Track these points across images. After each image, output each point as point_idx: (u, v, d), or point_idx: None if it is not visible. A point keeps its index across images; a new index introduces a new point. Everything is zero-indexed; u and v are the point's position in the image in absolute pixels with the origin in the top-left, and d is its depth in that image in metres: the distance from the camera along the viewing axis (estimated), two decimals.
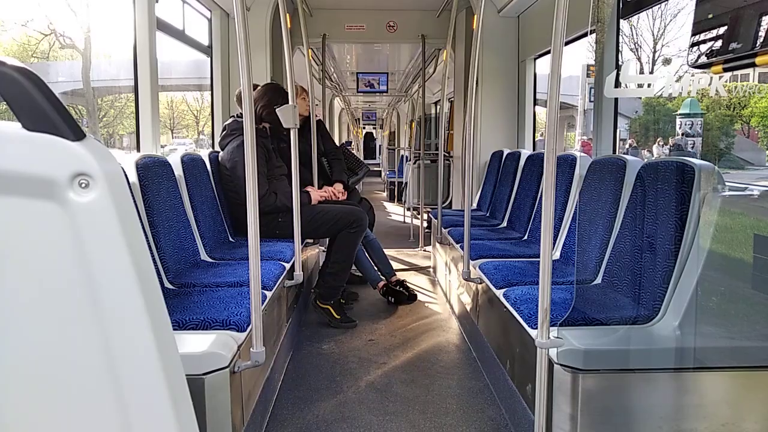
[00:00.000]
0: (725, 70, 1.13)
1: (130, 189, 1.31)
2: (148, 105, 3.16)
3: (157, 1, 3.26)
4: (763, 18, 1.03)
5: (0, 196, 0.67)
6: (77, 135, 0.69)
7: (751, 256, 1.92)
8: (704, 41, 1.23)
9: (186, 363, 0.78)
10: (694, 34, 1.27)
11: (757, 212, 2.04)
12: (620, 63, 3.14)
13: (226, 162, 3.43)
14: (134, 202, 2.15)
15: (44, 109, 0.68)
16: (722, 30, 1.14)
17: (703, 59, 1.18)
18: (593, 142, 3.36)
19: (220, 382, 1.78)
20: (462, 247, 3.20)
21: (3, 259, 0.69)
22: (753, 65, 1.03)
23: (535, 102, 4.86)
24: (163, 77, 3.50)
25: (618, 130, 3.27)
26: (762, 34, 1.02)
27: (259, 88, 3.64)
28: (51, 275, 0.70)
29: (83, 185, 0.68)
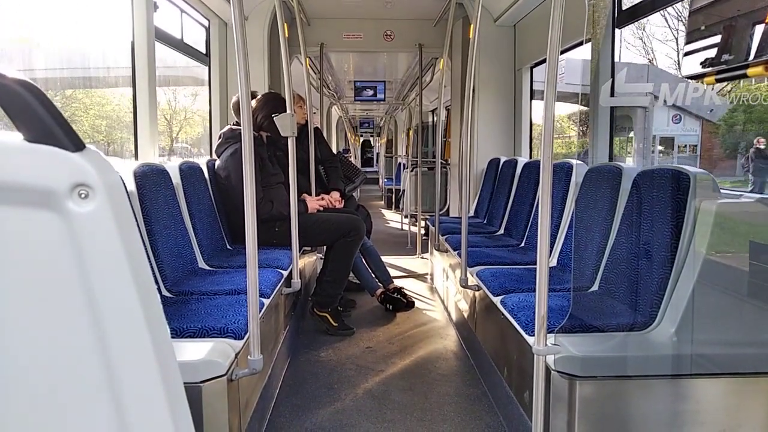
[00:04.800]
0: (718, 80, 1.14)
1: (129, 198, 1.31)
2: (146, 114, 3.17)
3: (155, 10, 3.27)
4: (754, 30, 1.04)
5: (0, 206, 0.68)
6: (77, 146, 0.70)
7: (747, 263, 1.94)
8: (697, 51, 1.24)
9: (183, 371, 0.78)
10: (687, 44, 1.29)
11: (753, 219, 2.06)
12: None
13: (221, 170, 3.44)
14: (132, 210, 2.16)
15: (44, 121, 0.68)
16: (714, 41, 1.15)
17: (697, 69, 1.19)
18: (590, 150, 3.37)
19: (217, 390, 1.78)
20: (459, 254, 3.21)
21: (2, 269, 0.70)
22: (745, 76, 1.04)
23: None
24: (123, 66, 3.35)
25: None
26: (753, 45, 1.04)
27: (258, 97, 3.65)
28: (50, 285, 0.70)
29: (83, 195, 0.68)
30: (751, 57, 1.05)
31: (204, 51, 4.48)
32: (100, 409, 0.73)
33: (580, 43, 3.31)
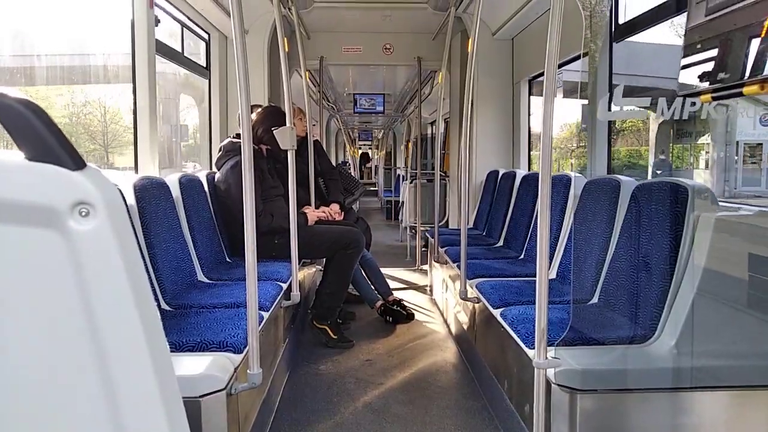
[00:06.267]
0: (714, 98, 1.15)
1: (128, 211, 1.30)
2: (147, 127, 3.18)
3: (156, 25, 3.30)
4: (749, 49, 1.05)
5: (1, 224, 0.68)
6: (78, 164, 0.70)
7: (746, 275, 1.94)
8: (693, 66, 1.25)
9: (182, 385, 0.78)
10: (683, 59, 1.30)
11: (752, 231, 2.06)
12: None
13: (221, 183, 3.45)
14: (132, 225, 2.15)
15: (45, 139, 0.69)
16: (711, 59, 1.16)
17: (693, 87, 1.20)
18: (588, 162, 3.38)
19: (216, 404, 1.78)
20: (459, 266, 3.20)
21: (3, 287, 0.70)
22: (740, 95, 1.05)
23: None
24: (76, 53, 3.04)
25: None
26: (749, 65, 1.05)
27: (259, 111, 3.67)
28: (51, 302, 0.70)
29: (83, 214, 0.69)
30: (746, 76, 1.06)
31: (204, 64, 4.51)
32: (99, 425, 0.73)
33: (578, 57, 3.33)
